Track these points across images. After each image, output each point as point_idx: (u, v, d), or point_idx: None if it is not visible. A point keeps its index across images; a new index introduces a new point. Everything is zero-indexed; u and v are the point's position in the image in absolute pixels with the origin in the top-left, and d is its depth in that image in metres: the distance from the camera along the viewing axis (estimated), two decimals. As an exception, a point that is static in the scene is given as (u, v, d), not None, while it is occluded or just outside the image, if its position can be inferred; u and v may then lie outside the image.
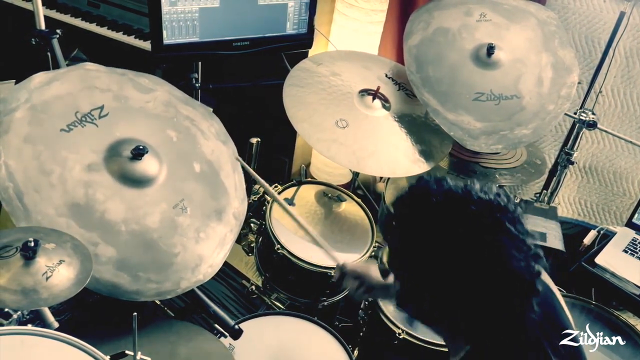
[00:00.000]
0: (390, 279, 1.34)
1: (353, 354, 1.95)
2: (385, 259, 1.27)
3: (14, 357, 1.29)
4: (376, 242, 2.24)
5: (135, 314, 1.27)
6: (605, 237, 2.55)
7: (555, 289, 1.30)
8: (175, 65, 2.52)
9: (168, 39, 2.21)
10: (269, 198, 2.30)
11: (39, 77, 1.70)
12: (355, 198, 2.42)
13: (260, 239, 2.33)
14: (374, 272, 1.71)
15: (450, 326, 1.18)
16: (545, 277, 1.25)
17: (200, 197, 1.79)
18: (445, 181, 1.16)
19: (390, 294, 1.68)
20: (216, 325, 1.79)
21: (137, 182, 1.68)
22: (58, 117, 1.66)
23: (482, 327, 1.13)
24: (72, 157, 1.62)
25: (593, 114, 2.38)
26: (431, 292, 1.12)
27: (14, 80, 2.34)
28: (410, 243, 1.15)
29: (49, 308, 1.55)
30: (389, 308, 2.05)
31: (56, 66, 2.21)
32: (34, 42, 2.17)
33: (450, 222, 1.09)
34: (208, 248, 1.73)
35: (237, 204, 1.86)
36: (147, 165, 1.71)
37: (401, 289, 1.20)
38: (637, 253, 2.39)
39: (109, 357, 1.37)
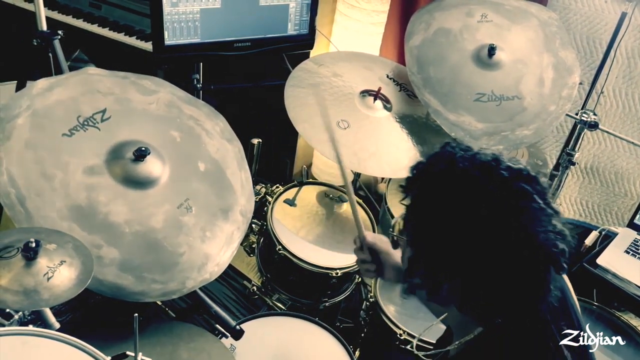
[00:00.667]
0: (398, 252, 1.25)
1: (354, 354, 1.95)
2: (397, 229, 1.21)
3: (15, 357, 1.29)
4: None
5: (136, 315, 1.27)
6: (606, 238, 2.54)
7: (569, 284, 1.27)
8: (177, 66, 2.52)
9: (169, 39, 2.21)
10: (270, 198, 2.30)
11: (40, 84, 1.71)
12: (357, 199, 2.42)
13: (262, 240, 2.33)
14: (393, 251, 1.56)
15: (464, 302, 1.09)
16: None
17: (206, 196, 1.79)
18: (471, 149, 1.09)
19: (400, 278, 1.54)
20: (217, 326, 1.80)
21: (140, 183, 1.68)
22: (60, 122, 1.67)
23: (502, 301, 1.05)
24: (74, 161, 1.62)
25: (594, 114, 2.38)
26: (451, 261, 1.04)
27: (16, 81, 2.35)
28: (432, 212, 1.07)
29: (50, 309, 1.55)
30: (390, 309, 2.05)
31: (58, 67, 2.21)
32: (35, 43, 2.17)
33: (476, 190, 1.03)
34: (214, 247, 1.73)
35: (244, 202, 1.86)
36: (150, 167, 1.71)
37: (414, 260, 1.11)
38: (638, 254, 2.38)
39: (110, 358, 1.37)
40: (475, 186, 1.04)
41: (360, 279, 2.30)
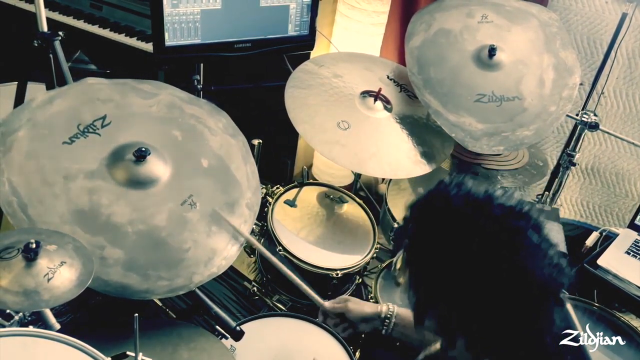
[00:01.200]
0: (372, 308, 1.30)
1: (354, 355, 1.95)
2: (399, 266, 1.25)
3: (16, 358, 1.29)
4: (378, 243, 2.24)
5: (136, 315, 1.27)
6: (607, 239, 2.55)
7: (572, 311, 1.27)
8: (178, 67, 2.52)
9: (170, 40, 2.21)
10: (270, 199, 2.30)
11: (40, 97, 1.73)
12: (357, 199, 2.42)
13: (262, 240, 2.33)
14: (353, 307, 1.76)
15: (469, 338, 1.12)
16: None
17: (210, 191, 1.80)
18: (465, 185, 1.10)
19: (374, 324, 1.73)
20: (217, 327, 1.79)
21: (142, 183, 1.69)
22: (60, 131, 1.69)
23: (502, 337, 1.07)
24: (75, 167, 1.64)
25: (595, 115, 2.38)
26: (449, 301, 1.07)
27: (17, 82, 2.35)
28: (428, 250, 1.09)
29: (51, 310, 1.55)
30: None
31: (58, 68, 2.21)
32: (36, 44, 2.17)
33: (469, 228, 1.05)
34: (221, 241, 1.74)
35: (250, 195, 1.87)
36: (151, 166, 1.71)
37: (417, 299, 1.14)
38: (639, 255, 2.38)
39: (110, 358, 1.37)
40: (468, 225, 1.06)
41: (360, 280, 2.30)
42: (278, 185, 2.39)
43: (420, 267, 1.12)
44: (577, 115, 2.39)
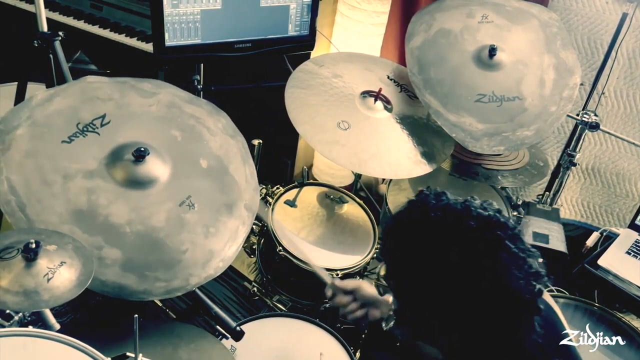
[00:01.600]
0: (385, 296, 1.31)
1: (355, 356, 1.95)
2: (382, 274, 1.26)
3: (15, 358, 1.29)
4: (378, 243, 2.23)
5: (136, 315, 1.27)
6: (608, 239, 2.54)
7: (556, 307, 1.28)
8: (178, 67, 2.52)
9: (170, 40, 2.21)
10: (270, 199, 2.30)
11: (40, 95, 1.72)
12: (358, 200, 2.42)
13: (262, 241, 2.33)
14: (366, 287, 1.69)
15: (449, 347, 1.14)
16: (546, 295, 1.22)
17: (209, 192, 1.79)
18: (444, 196, 1.13)
19: (384, 311, 1.66)
20: (218, 327, 1.79)
21: (141, 183, 1.68)
22: (59, 130, 1.68)
23: (482, 347, 1.09)
24: (74, 167, 1.63)
25: (595, 115, 2.38)
26: (429, 310, 1.09)
27: (17, 83, 2.35)
28: (408, 259, 1.11)
29: (51, 310, 1.55)
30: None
31: (58, 69, 2.21)
32: (36, 45, 2.17)
33: (448, 238, 1.07)
34: (219, 242, 1.73)
35: (249, 196, 1.86)
36: (150, 166, 1.71)
37: (399, 306, 1.17)
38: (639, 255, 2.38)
39: (110, 359, 1.37)
40: (447, 235, 1.08)
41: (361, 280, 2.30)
42: (278, 186, 2.39)
43: (402, 278, 1.14)
44: (577, 115, 2.39)
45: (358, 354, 2.16)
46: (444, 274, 1.06)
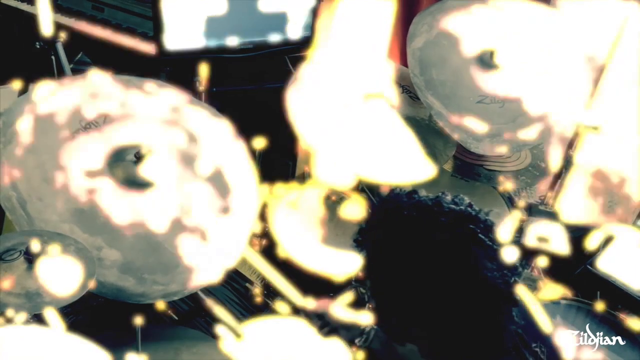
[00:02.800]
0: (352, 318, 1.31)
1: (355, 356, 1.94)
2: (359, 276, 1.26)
3: (17, 358, 1.29)
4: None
5: (138, 318, 1.27)
6: (609, 240, 2.53)
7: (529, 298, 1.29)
8: (179, 68, 2.52)
9: (171, 42, 2.21)
10: (271, 200, 2.30)
11: (42, 89, 1.71)
12: (360, 200, 2.41)
13: (264, 242, 2.33)
14: (335, 310, 1.69)
15: (428, 343, 1.14)
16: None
17: (208, 196, 1.79)
18: (416, 194, 1.14)
19: (354, 333, 1.64)
20: (220, 329, 1.79)
21: (141, 185, 1.68)
22: (62, 126, 1.68)
23: (461, 341, 1.10)
24: (76, 165, 1.63)
25: (598, 115, 2.37)
26: (406, 306, 1.10)
27: (19, 84, 2.34)
28: (382, 257, 1.13)
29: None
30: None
31: (60, 70, 2.21)
32: (38, 46, 2.17)
33: (421, 234, 1.08)
34: (219, 247, 1.73)
35: (248, 200, 1.86)
36: (151, 168, 1.71)
37: (376, 304, 1.18)
38: (642, 256, 2.38)
39: (113, 362, 1.37)
40: (420, 231, 1.09)
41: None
42: (279, 186, 2.39)
43: (377, 276, 1.16)
44: (579, 116, 2.38)
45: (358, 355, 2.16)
46: (419, 271, 1.07)
